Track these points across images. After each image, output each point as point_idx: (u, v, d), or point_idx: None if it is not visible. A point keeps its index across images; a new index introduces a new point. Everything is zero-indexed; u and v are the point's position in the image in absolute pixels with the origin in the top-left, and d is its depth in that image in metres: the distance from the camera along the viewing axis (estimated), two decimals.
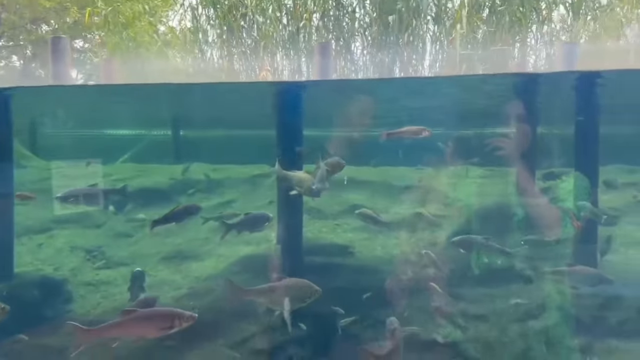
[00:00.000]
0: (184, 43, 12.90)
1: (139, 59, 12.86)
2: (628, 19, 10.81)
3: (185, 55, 12.84)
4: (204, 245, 6.28)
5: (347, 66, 11.94)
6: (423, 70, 11.71)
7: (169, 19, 16.50)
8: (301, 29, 11.19)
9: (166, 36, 13.94)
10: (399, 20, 11.03)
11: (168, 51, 12.91)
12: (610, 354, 3.95)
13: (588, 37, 10.92)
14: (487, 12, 11.16)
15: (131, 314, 3.28)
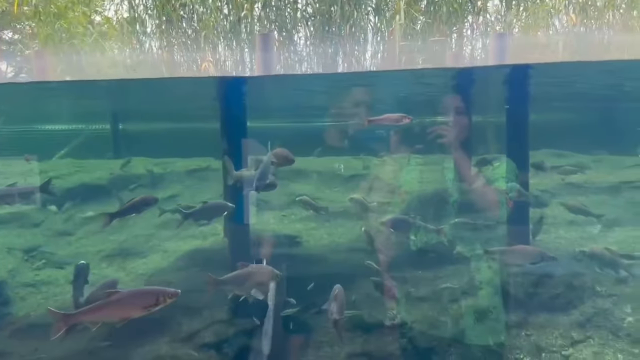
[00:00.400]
0: (121, 34, 12.48)
1: (73, 51, 12.33)
2: (557, 9, 11.38)
3: (122, 47, 12.43)
4: (148, 241, 6.17)
5: (291, 57, 11.94)
6: (365, 61, 11.88)
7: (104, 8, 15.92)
8: (243, 18, 11.07)
9: (102, 27, 13.43)
10: (340, 11, 11.13)
11: (104, 42, 12.46)
12: (543, 327, 4.22)
13: (520, 28, 11.41)
14: (425, 3, 11.45)
15: (114, 295, 3.24)
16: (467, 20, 11.81)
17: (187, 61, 11.65)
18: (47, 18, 12.12)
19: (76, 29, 12.64)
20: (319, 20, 11.41)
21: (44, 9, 12.06)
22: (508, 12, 11.53)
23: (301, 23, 11.88)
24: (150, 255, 5.98)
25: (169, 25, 11.56)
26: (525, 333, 4.25)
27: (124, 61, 11.67)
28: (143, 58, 11.77)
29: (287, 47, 11.92)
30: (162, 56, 11.58)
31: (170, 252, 5.97)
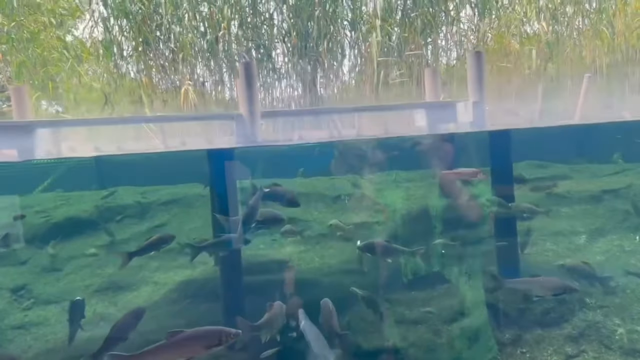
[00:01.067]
0: (97, 58, 12.36)
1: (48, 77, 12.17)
2: (528, 17, 11.65)
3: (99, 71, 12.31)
4: (137, 273, 6.10)
5: (270, 75, 11.97)
6: (343, 76, 11.99)
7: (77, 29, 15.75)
8: (220, 38, 11.08)
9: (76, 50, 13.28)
10: (317, 26, 11.22)
11: (80, 66, 12.33)
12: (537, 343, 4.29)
13: (493, 36, 11.64)
14: (399, 15, 11.60)
15: (176, 335, 3.25)
16: (441, 30, 12.02)
17: (166, 83, 11.60)
18: (20, 45, 11.95)
19: (50, 54, 12.49)
20: (296, 36, 11.47)
21: (17, 35, 11.88)
22: (481, 21, 11.76)
23: (278, 39, 11.93)
24: (141, 288, 5.91)
25: (146, 47, 11.50)
26: (520, 351, 4.33)
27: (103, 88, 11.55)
28: (120, 83, 11.68)
29: (266, 65, 11.96)
30: (139, 79, 11.50)
31: (160, 284, 5.91)
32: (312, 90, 11.93)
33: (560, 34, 11.11)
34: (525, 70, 11.33)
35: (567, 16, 11.17)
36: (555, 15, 11.15)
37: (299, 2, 11.27)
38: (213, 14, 11.18)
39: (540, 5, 11.30)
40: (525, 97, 11.49)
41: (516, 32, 11.50)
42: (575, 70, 11.12)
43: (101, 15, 11.68)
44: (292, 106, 12.16)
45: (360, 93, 11.58)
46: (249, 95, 6.22)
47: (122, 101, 11.75)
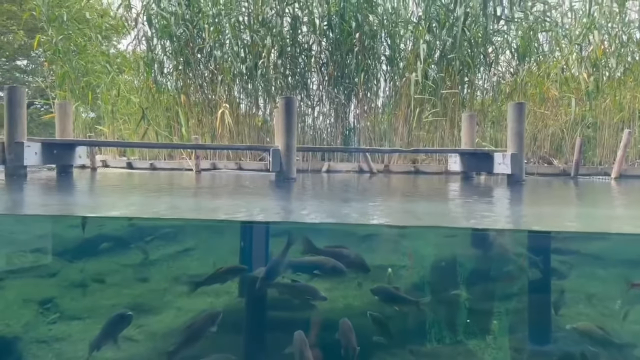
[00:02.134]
0: (137, 73, 12.68)
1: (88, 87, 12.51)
2: (569, 66, 11.55)
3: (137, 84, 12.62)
4: (162, 296, 6.07)
5: (304, 101, 12.09)
6: (377, 109, 12.03)
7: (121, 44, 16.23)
8: (260, 66, 11.26)
9: (116, 59, 13.66)
10: (355, 60, 11.33)
11: (120, 80, 12.66)
12: None
13: (532, 82, 11.56)
14: (438, 55, 11.63)
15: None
16: (479, 71, 12.01)
17: (203, 103, 11.81)
18: (66, 56, 12.35)
19: (93, 65, 12.87)
20: (333, 67, 11.59)
21: (63, 47, 12.29)
22: (520, 65, 11.71)
23: (315, 69, 12.08)
24: (164, 312, 5.86)
25: (186, 66, 11.76)
26: None
27: (140, 102, 11.80)
28: (158, 98, 11.93)
29: (301, 91, 12.10)
30: (177, 98, 11.73)
31: (183, 310, 5.86)
32: (344, 120, 12.01)
33: (602, 84, 10.97)
34: (562, 118, 11.20)
35: (610, 67, 11.03)
36: (597, 65, 11.03)
37: (339, 37, 11.41)
38: (254, 42, 11.40)
39: (582, 55, 11.20)
40: (562, 146, 11.34)
41: (556, 78, 11.40)
42: (613, 121, 10.95)
43: (145, 34, 12.03)
44: (324, 134, 12.24)
45: (392, 127, 11.59)
46: (287, 130, 6.27)
47: (158, 117, 12.01)
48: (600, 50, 10.72)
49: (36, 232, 6.65)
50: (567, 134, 11.07)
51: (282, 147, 6.39)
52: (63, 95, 12.30)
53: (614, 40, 11.17)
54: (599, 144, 11.03)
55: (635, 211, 5.96)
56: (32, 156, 5.96)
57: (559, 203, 6.30)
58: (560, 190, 7.57)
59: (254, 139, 11.53)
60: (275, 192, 6.74)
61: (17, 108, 5.85)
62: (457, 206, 5.98)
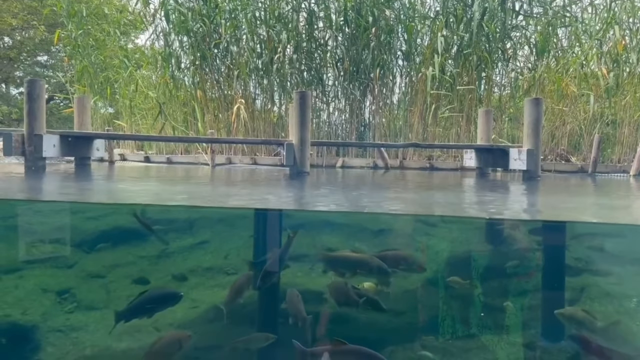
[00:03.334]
0: (155, 68, 12.82)
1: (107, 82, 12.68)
2: (588, 61, 11.36)
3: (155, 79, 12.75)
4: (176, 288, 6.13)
5: (319, 97, 12.09)
6: (392, 105, 11.98)
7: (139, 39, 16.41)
8: (275, 62, 11.29)
9: (134, 54, 13.82)
10: (371, 55, 11.29)
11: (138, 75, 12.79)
12: None
13: (550, 78, 11.40)
14: (455, 50, 11.54)
15: (341, 346, 3.25)
16: (496, 66, 11.89)
17: (219, 98, 11.88)
18: (85, 51, 12.53)
19: (112, 60, 13.04)
20: (349, 62, 11.57)
21: (83, 42, 12.47)
22: (539, 61, 11.56)
23: (330, 64, 12.07)
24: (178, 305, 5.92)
25: (202, 61, 11.83)
26: None
27: (158, 97, 11.92)
28: (175, 94, 12.03)
29: (316, 86, 12.10)
30: (194, 93, 11.82)
31: (198, 302, 5.93)
32: (359, 116, 11.99)
33: (622, 81, 10.78)
34: (580, 115, 11.04)
35: (630, 63, 10.83)
36: (617, 61, 10.84)
37: (355, 32, 11.38)
38: (270, 37, 11.43)
39: (602, 50, 11.02)
40: (580, 143, 11.18)
41: (575, 74, 11.22)
42: (633, 119, 10.76)
43: (163, 30, 12.15)
44: (339, 129, 12.23)
45: (408, 123, 11.54)
46: (301, 124, 6.28)
47: (175, 112, 12.12)
48: (621, 46, 10.52)
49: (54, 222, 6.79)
50: (585, 131, 10.91)
51: (296, 141, 6.41)
52: (82, 90, 12.48)
53: (635, 35, 10.97)
54: (618, 142, 10.84)
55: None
56: (50, 148, 6.08)
57: (569, 197, 6.21)
58: (574, 187, 7.47)
59: (269, 134, 11.57)
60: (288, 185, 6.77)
61: (36, 101, 5.97)
62: (467, 198, 5.96)
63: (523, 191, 6.61)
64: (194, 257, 6.07)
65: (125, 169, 9.38)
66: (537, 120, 6.46)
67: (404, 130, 11.56)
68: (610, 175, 9.68)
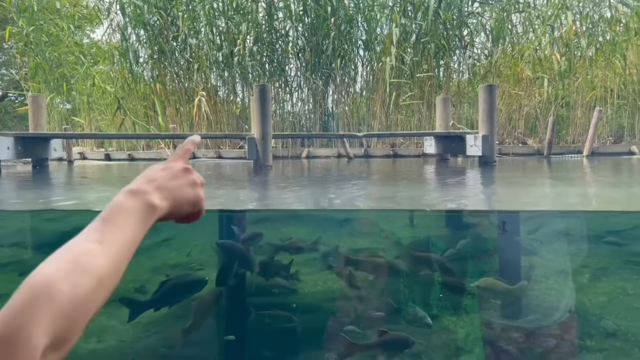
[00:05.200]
0: (112, 62, 12.55)
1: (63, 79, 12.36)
2: (542, 47, 11.71)
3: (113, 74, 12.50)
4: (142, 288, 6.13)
5: (282, 87, 12.10)
6: (355, 94, 12.09)
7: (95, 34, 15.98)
8: (236, 52, 11.21)
9: (91, 49, 13.48)
10: (331, 45, 11.33)
11: (95, 70, 12.50)
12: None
13: (505, 64, 11.70)
14: (413, 39, 11.70)
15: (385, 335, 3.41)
16: (454, 54, 12.12)
17: (180, 92, 11.73)
18: (38, 47, 12.15)
19: (67, 56, 12.69)
20: (310, 53, 11.59)
21: (35, 38, 12.09)
22: (495, 47, 11.84)
23: (292, 55, 12.06)
24: None
25: (161, 55, 11.65)
26: None
27: (116, 92, 11.69)
28: (134, 88, 11.82)
29: (279, 77, 12.09)
30: (153, 87, 11.63)
31: None
32: (322, 106, 12.05)
33: (573, 64, 11.16)
34: (536, 99, 11.38)
35: (581, 47, 11.21)
36: (569, 45, 11.21)
37: (315, 22, 11.40)
38: (230, 29, 11.33)
39: (554, 36, 11.36)
40: (536, 126, 11.54)
41: (529, 59, 11.55)
42: (585, 100, 11.17)
43: (119, 24, 11.89)
44: (303, 120, 12.27)
45: (370, 111, 11.68)
46: (263, 118, 6.30)
47: (135, 107, 11.91)
48: (572, 31, 10.88)
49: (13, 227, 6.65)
50: (541, 114, 11.27)
51: (258, 135, 6.43)
52: (37, 87, 12.13)
53: (585, 20, 11.35)
54: (573, 123, 11.25)
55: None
56: (4, 151, 5.91)
57: (505, 187, 6.43)
58: (520, 173, 7.74)
59: (232, 126, 11.52)
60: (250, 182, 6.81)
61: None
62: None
63: (463, 180, 6.79)
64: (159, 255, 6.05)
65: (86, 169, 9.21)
66: (491, 106, 6.65)
67: (367, 119, 11.69)
68: (565, 157, 10.04)
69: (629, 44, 11.18)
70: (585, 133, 10.76)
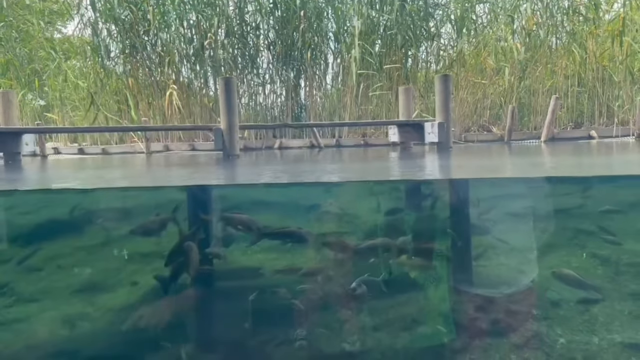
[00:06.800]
0: (84, 58, 12.61)
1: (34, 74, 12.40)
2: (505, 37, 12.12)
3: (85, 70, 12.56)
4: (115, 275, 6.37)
5: (254, 79, 12.31)
6: (326, 85, 12.37)
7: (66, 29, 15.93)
8: (207, 47, 11.38)
9: (63, 45, 13.49)
10: (302, 38, 11.57)
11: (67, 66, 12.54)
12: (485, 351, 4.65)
13: (470, 53, 12.08)
14: (381, 30, 12.01)
15: None
16: (422, 45, 12.46)
17: (151, 86, 11.86)
18: (8, 43, 12.15)
19: (38, 52, 12.71)
20: (281, 45, 11.82)
21: (5, 34, 12.09)
22: (459, 38, 12.20)
23: (263, 47, 12.27)
24: (119, 290, 6.17)
25: (132, 50, 11.76)
26: (470, 357, 4.67)
27: (88, 87, 11.78)
28: (106, 83, 11.92)
29: (250, 70, 12.29)
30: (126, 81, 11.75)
31: (139, 285, 6.18)
32: (294, 97, 12.30)
33: (534, 54, 11.59)
34: (499, 88, 11.80)
35: (540, 38, 11.65)
36: (530, 36, 11.63)
37: (285, 15, 11.62)
38: (200, 23, 11.49)
39: (514, 27, 11.77)
40: (499, 114, 11.97)
41: (492, 50, 11.95)
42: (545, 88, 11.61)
43: (90, 18, 11.95)
44: (275, 112, 12.50)
45: (341, 102, 11.96)
46: (229, 109, 6.54)
47: (107, 102, 12.01)
48: (532, 22, 11.30)
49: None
50: (504, 103, 11.69)
51: (225, 126, 6.68)
52: (8, 84, 12.14)
53: (545, 11, 11.77)
54: (534, 111, 11.70)
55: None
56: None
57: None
58: (471, 155, 8.16)
59: (205, 118, 11.70)
60: None
61: None
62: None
63: (405, 162, 7.22)
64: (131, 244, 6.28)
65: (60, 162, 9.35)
66: (446, 95, 6.99)
67: (338, 110, 11.97)
68: (524, 142, 10.48)
69: (587, 35, 11.64)
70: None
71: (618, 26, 10.93)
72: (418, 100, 11.45)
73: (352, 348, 4.71)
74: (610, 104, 11.44)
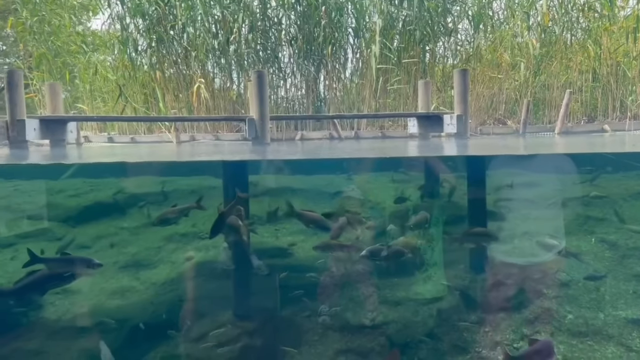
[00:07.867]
0: (113, 51, 13.11)
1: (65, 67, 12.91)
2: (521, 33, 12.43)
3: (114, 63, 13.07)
4: (157, 253, 6.88)
5: (276, 73, 12.74)
6: (345, 79, 12.77)
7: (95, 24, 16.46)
8: (232, 42, 11.82)
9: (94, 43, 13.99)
10: (322, 33, 11.97)
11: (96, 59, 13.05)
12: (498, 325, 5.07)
13: (487, 48, 12.41)
14: (400, 26, 12.36)
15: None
16: (439, 40, 12.80)
17: (178, 79, 12.33)
18: (41, 37, 12.68)
19: (69, 46, 13.22)
20: (302, 40, 12.22)
21: (38, 28, 12.61)
22: (476, 34, 12.53)
23: (285, 42, 12.69)
24: (160, 266, 6.68)
25: (159, 44, 12.23)
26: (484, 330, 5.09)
27: (117, 80, 12.28)
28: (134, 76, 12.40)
29: (272, 64, 12.72)
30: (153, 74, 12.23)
31: (177, 263, 6.68)
32: (315, 91, 12.71)
33: (549, 49, 11.89)
34: (514, 82, 12.12)
35: (555, 34, 11.94)
36: (545, 32, 11.94)
37: (306, 10, 12.01)
38: (225, 18, 11.92)
39: (530, 23, 12.07)
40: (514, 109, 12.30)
41: (508, 45, 12.27)
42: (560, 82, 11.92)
43: (118, 13, 12.44)
44: (296, 105, 12.93)
45: (360, 96, 12.35)
46: (260, 101, 6.99)
47: (135, 94, 12.50)
48: (547, 18, 11.61)
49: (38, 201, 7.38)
50: (520, 97, 12.01)
51: (257, 116, 7.13)
52: (41, 77, 12.67)
53: (561, 8, 12.06)
54: (549, 105, 12.01)
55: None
56: (32, 132, 6.60)
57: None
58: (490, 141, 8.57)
59: (229, 111, 12.16)
60: None
61: (16, 89, 6.47)
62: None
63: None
64: None
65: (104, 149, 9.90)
66: (464, 89, 7.38)
67: (357, 103, 12.37)
68: (538, 134, 10.82)
69: (602, 31, 11.91)
70: None
71: (633, 23, 11.21)
72: (435, 94, 11.81)
73: None
74: (624, 99, 11.72)
